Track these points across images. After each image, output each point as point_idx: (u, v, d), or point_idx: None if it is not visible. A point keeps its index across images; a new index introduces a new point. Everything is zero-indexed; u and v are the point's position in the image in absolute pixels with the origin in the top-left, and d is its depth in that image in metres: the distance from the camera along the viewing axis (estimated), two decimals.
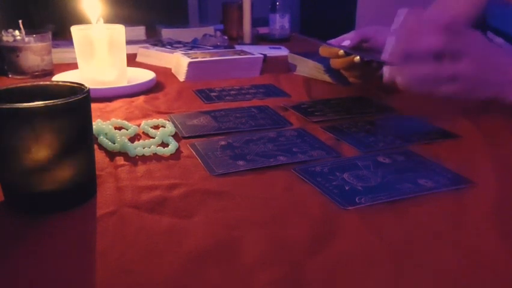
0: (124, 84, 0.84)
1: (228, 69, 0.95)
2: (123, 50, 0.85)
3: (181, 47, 1.11)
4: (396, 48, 0.57)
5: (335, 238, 0.38)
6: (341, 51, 0.76)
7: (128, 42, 0.89)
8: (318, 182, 0.47)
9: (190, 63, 0.92)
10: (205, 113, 0.70)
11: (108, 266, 0.34)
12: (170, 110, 0.73)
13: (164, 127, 0.63)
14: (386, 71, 0.59)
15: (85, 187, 0.44)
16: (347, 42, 0.77)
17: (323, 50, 0.82)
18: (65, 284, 0.33)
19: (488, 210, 0.42)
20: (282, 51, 1.24)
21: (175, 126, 0.64)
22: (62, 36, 1.18)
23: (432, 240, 0.38)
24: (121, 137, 0.57)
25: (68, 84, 0.45)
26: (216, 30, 1.42)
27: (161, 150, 0.55)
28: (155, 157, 0.54)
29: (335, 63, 0.81)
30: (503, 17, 0.86)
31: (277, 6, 1.45)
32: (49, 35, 0.97)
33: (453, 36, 0.54)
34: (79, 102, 0.41)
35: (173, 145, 0.56)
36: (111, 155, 0.55)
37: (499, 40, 0.87)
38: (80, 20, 0.85)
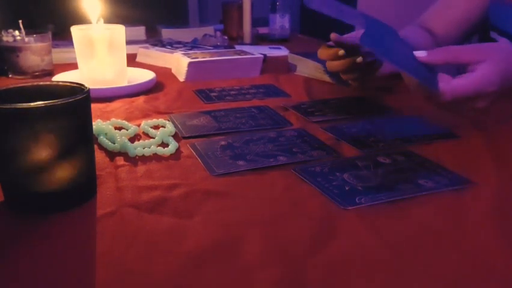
0: (124, 84, 0.84)
1: (228, 69, 0.95)
2: (123, 50, 0.85)
3: (181, 47, 1.11)
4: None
5: (334, 238, 0.38)
6: (341, 51, 0.75)
7: (128, 42, 0.89)
8: (318, 182, 0.47)
9: (190, 63, 0.92)
10: (205, 113, 0.70)
11: (108, 266, 0.34)
12: (170, 110, 0.73)
13: (164, 127, 0.63)
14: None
15: (85, 187, 0.44)
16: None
17: (322, 53, 0.80)
18: (65, 284, 0.33)
19: (488, 210, 0.42)
20: (282, 51, 1.24)
21: (175, 126, 0.64)
22: (62, 36, 1.18)
23: (433, 240, 0.38)
24: (121, 137, 0.57)
25: (68, 84, 0.45)
26: (216, 30, 1.42)
27: (161, 150, 0.55)
28: (155, 157, 0.54)
29: (332, 66, 0.78)
30: (506, 17, 0.86)
31: (277, 6, 1.45)
32: (49, 35, 0.97)
33: (485, 97, 0.58)
34: (79, 102, 0.41)
35: (173, 145, 0.56)
36: (111, 155, 0.55)
37: (503, 40, 0.87)
38: (80, 20, 0.85)
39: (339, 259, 0.35)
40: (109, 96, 0.78)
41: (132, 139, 0.60)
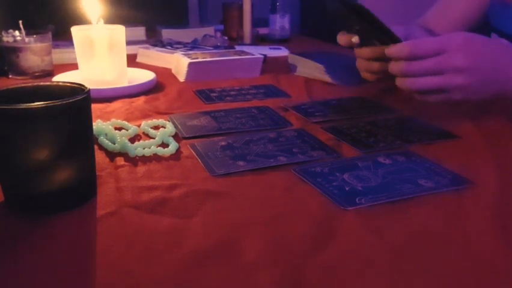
0: (124, 84, 0.84)
1: (228, 70, 0.95)
2: (123, 51, 0.85)
3: (181, 48, 1.11)
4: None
5: (335, 238, 0.38)
6: (355, 38, 0.73)
7: (129, 42, 0.89)
8: (318, 183, 0.47)
9: (190, 64, 0.92)
10: (205, 113, 0.70)
11: (108, 266, 0.34)
12: (170, 111, 0.73)
13: (165, 127, 0.63)
14: (398, 81, 0.64)
15: (85, 187, 0.44)
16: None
17: (340, 38, 0.78)
18: (66, 284, 0.33)
19: (488, 210, 0.42)
20: (282, 52, 1.24)
21: (175, 126, 0.64)
22: (62, 37, 1.18)
23: (433, 240, 0.38)
24: (121, 138, 0.57)
25: (69, 84, 0.45)
26: (216, 30, 1.42)
27: (161, 151, 0.55)
28: (156, 157, 0.54)
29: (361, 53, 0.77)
30: (506, 18, 0.86)
31: (277, 7, 1.45)
32: (49, 35, 0.97)
33: (451, 53, 0.59)
34: (79, 103, 0.41)
35: (173, 145, 0.56)
36: (111, 155, 0.55)
37: (503, 41, 0.87)
38: (80, 20, 0.85)
39: (339, 259, 0.35)
40: (109, 97, 0.78)
41: (132, 139, 0.60)
